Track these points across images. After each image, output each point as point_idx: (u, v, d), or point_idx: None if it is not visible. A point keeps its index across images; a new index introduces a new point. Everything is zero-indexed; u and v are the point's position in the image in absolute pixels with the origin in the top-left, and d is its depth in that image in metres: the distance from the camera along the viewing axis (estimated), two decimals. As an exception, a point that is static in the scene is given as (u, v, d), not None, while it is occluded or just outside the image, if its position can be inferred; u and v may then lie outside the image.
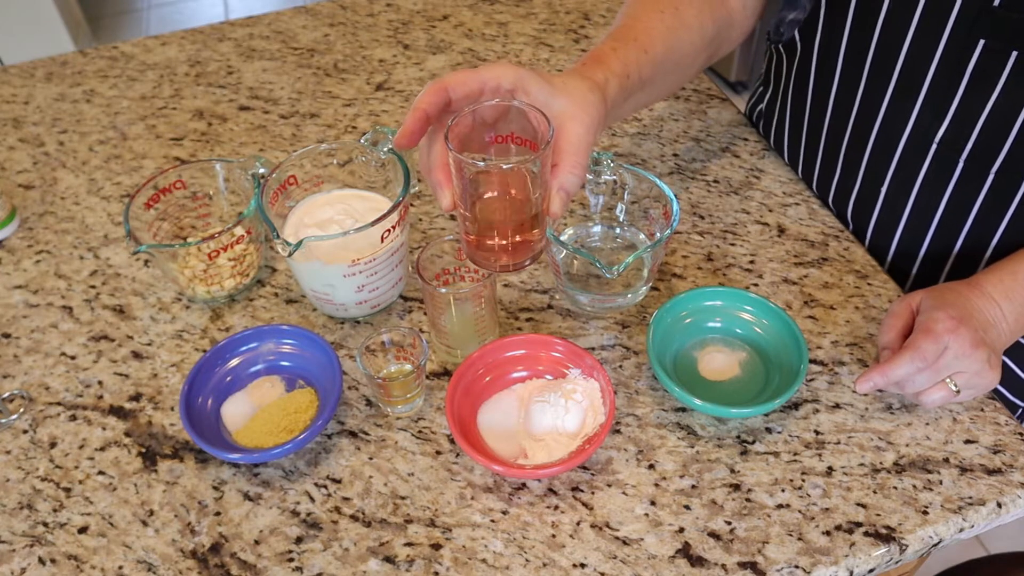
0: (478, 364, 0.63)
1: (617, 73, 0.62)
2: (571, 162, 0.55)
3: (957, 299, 0.61)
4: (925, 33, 0.66)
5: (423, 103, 0.54)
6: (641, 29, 0.67)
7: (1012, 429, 0.62)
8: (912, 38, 0.67)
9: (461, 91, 0.55)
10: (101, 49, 1.10)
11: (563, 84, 0.57)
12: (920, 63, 0.67)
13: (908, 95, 0.69)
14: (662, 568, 0.55)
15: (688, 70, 0.73)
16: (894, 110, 0.71)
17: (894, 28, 0.68)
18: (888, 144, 0.73)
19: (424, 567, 0.56)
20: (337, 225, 0.69)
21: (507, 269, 0.58)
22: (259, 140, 0.93)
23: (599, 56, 0.63)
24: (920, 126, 0.70)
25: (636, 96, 0.67)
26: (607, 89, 0.61)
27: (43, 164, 0.92)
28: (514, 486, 0.60)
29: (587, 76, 0.60)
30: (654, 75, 0.67)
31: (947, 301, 0.60)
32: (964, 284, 0.63)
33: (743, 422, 0.63)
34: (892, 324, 0.62)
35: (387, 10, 1.14)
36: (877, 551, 0.56)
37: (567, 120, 0.56)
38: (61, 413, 0.67)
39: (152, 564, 0.57)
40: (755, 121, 0.92)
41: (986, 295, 0.62)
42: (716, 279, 0.74)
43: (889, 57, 0.69)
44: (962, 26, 0.63)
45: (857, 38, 0.71)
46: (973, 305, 0.61)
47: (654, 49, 0.66)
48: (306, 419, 0.62)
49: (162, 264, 0.71)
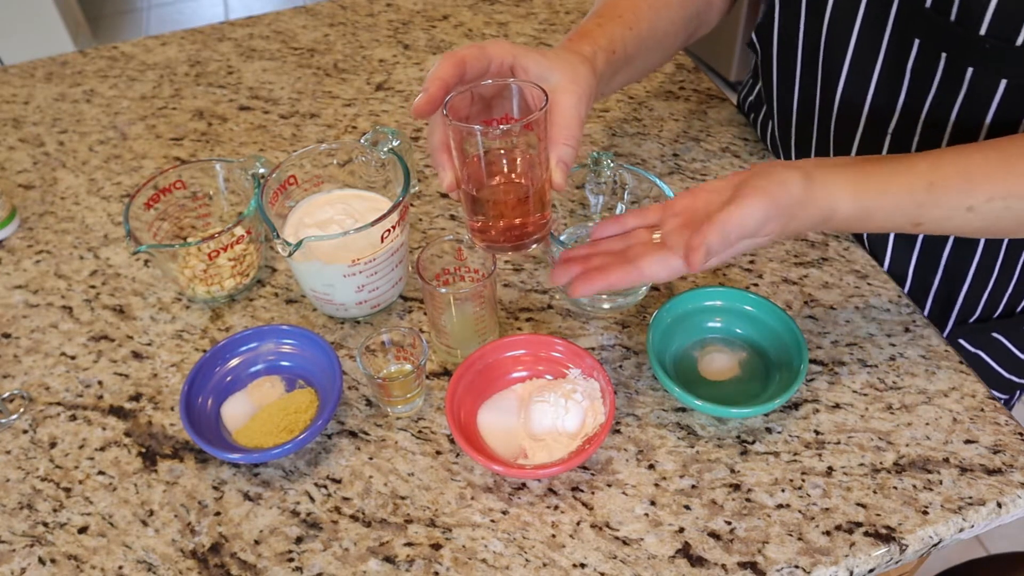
0: (478, 364, 0.63)
1: (604, 48, 0.63)
2: (565, 135, 0.56)
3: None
4: (869, 32, 0.67)
5: (443, 72, 0.54)
6: (625, 6, 0.68)
7: (1012, 429, 0.62)
8: (857, 37, 0.68)
9: (475, 66, 0.56)
10: (101, 49, 1.10)
11: (555, 57, 0.58)
12: (866, 62, 0.69)
13: (859, 90, 0.71)
14: (662, 568, 0.55)
15: (669, 49, 0.74)
16: (848, 106, 0.72)
17: (840, 26, 0.69)
18: (847, 136, 0.74)
19: (424, 567, 0.56)
20: (337, 225, 0.69)
21: (517, 246, 0.57)
22: (259, 140, 0.93)
23: (585, 31, 0.64)
24: (872, 120, 0.71)
25: (622, 72, 0.67)
26: (595, 62, 0.61)
27: (43, 164, 0.92)
28: (514, 486, 0.60)
29: (575, 50, 0.61)
30: (638, 52, 0.68)
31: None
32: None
33: (743, 422, 0.63)
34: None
35: (387, 10, 1.14)
36: (877, 551, 0.56)
37: (559, 93, 0.56)
38: (61, 413, 0.67)
39: (152, 564, 0.57)
40: (746, 112, 0.93)
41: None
42: (716, 279, 0.74)
43: (838, 53, 0.70)
44: (900, 25, 0.65)
45: (810, 35, 0.73)
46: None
47: (638, 26, 0.67)
48: (306, 419, 0.62)
49: (162, 264, 0.71)
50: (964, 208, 0.56)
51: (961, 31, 0.60)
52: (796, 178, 0.54)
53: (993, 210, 0.56)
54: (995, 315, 0.80)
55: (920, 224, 0.57)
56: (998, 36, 0.58)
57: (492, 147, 0.54)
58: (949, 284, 0.77)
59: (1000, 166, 0.55)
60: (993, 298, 0.78)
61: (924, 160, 0.56)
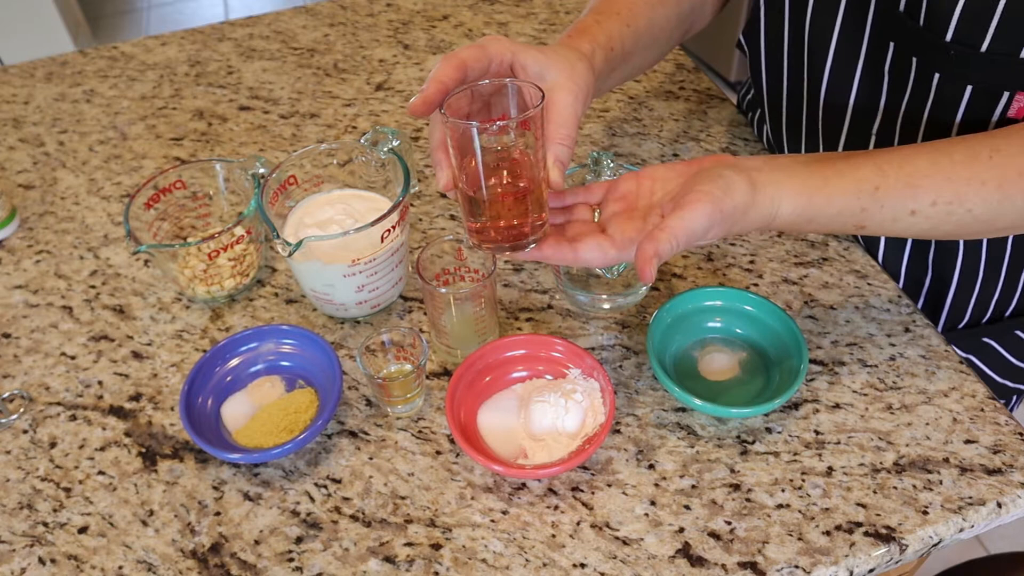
0: (478, 364, 0.63)
1: (602, 45, 0.63)
2: (561, 134, 0.56)
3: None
4: (849, 33, 0.67)
5: (443, 74, 0.54)
6: (622, 3, 0.68)
7: (1012, 429, 0.62)
8: (837, 39, 0.68)
9: (476, 67, 0.56)
10: (101, 49, 1.10)
11: (553, 54, 0.58)
12: (848, 63, 0.69)
13: (843, 91, 0.71)
14: (662, 568, 0.55)
15: (665, 45, 0.74)
16: (832, 106, 0.73)
17: (821, 27, 0.69)
18: (833, 135, 0.75)
19: (424, 567, 0.56)
20: (337, 225, 0.69)
21: (515, 246, 0.57)
22: (259, 140, 0.93)
23: (583, 28, 0.64)
24: (856, 120, 0.71)
25: (619, 69, 0.67)
26: (594, 59, 0.61)
27: (43, 164, 0.92)
28: (514, 486, 0.60)
29: (574, 47, 0.61)
30: (635, 49, 0.68)
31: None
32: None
33: (743, 422, 0.63)
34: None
35: (387, 10, 1.14)
36: (877, 551, 0.56)
37: (557, 91, 0.56)
38: (61, 413, 0.67)
39: (152, 564, 0.57)
40: (745, 111, 0.93)
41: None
42: (716, 279, 0.74)
43: (820, 54, 0.71)
44: (876, 28, 0.65)
45: (795, 35, 0.73)
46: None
47: (636, 23, 0.67)
48: (306, 419, 0.62)
49: (162, 264, 0.71)
50: (907, 212, 0.56)
51: (929, 36, 0.60)
52: (742, 184, 0.54)
53: (936, 214, 0.56)
54: (984, 320, 0.80)
55: (864, 227, 0.58)
56: (963, 42, 0.58)
57: (489, 146, 0.54)
58: (938, 285, 0.77)
59: (944, 170, 0.55)
60: (981, 302, 0.78)
61: (870, 162, 0.56)
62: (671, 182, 0.58)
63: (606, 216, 0.58)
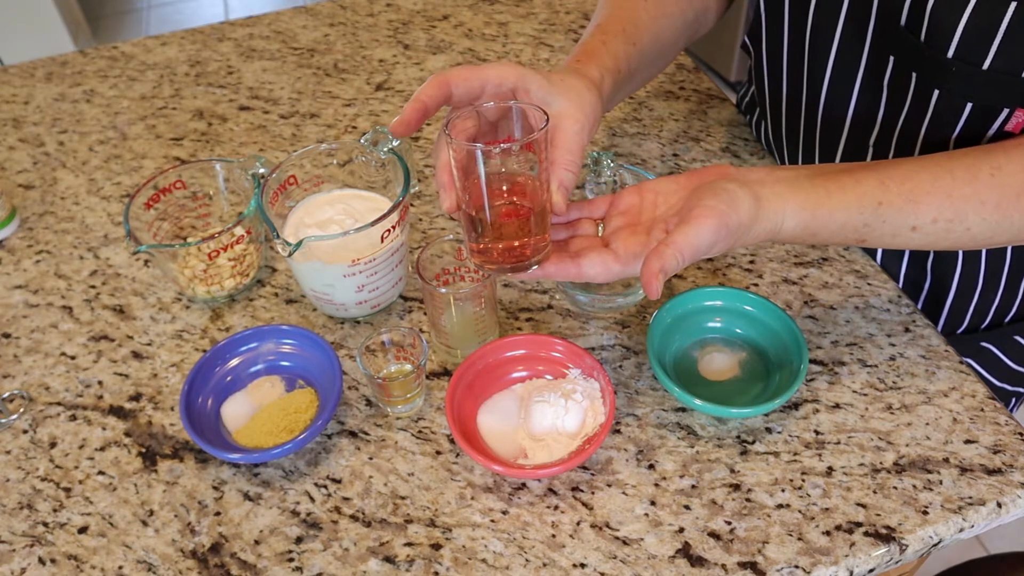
0: (478, 364, 0.63)
1: (610, 69, 0.63)
2: (566, 160, 0.56)
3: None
4: (849, 44, 0.67)
5: (424, 95, 0.55)
6: (627, 20, 0.67)
7: (1012, 429, 0.62)
8: (837, 49, 0.69)
9: (463, 87, 0.56)
10: (101, 49, 1.10)
11: (561, 82, 0.58)
12: (848, 74, 0.69)
13: (842, 100, 0.71)
14: (662, 568, 0.55)
15: (669, 57, 0.74)
16: (831, 115, 0.73)
17: (821, 37, 0.69)
18: (831, 144, 0.75)
19: (424, 567, 0.56)
20: (337, 225, 0.69)
21: (516, 267, 0.57)
22: (259, 140, 0.93)
23: (590, 51, 0.64)
24: (855, 130, 0.72)
25: (624, 88, 0.68)
26: (603, 86, 0.61)
27: (43, 164, 0.92)
28: (514, 486, 0.60)
29: (584, 74, 0.60)
30: (640, 66, 0.68)
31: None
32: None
33: (743, 422, 0.63)
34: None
35: (387, 10, 1.14)
36: (877, 551, 0.56)
37: (564, 119, 0.56)
38: (61, 413, 0.67)
39: (152, 564, 0.57)
40: (744, 112, 0.93)
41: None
42: (716, 279, 0.74)
43: (820, 63, 0.71)
44: (876, 40, 0.65)
45: (794, 43, 0.73)
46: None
47: (641, 41, 0.67)
48: (306, 419, 0.62)
49: (162, 264, 0.71)
50: (908, 228, 0.57)
51: (929, 52, 0.60)
52: (746, 199, 0.54)
53: (936, 231, 0.57)
54: (983, 326, 0.80)
55: (864, 240, 0.58)
56: (965, 59, 0.58)
57: (493, 168, 0.54)
58: (937, 290, 0.77)
59: (945, 187, 0.56)
60: (980, 309, 0.78)
61: (873, 176, 0.56)
62: (674, 195, 0.58)
63: (609, 231, 0.59)
